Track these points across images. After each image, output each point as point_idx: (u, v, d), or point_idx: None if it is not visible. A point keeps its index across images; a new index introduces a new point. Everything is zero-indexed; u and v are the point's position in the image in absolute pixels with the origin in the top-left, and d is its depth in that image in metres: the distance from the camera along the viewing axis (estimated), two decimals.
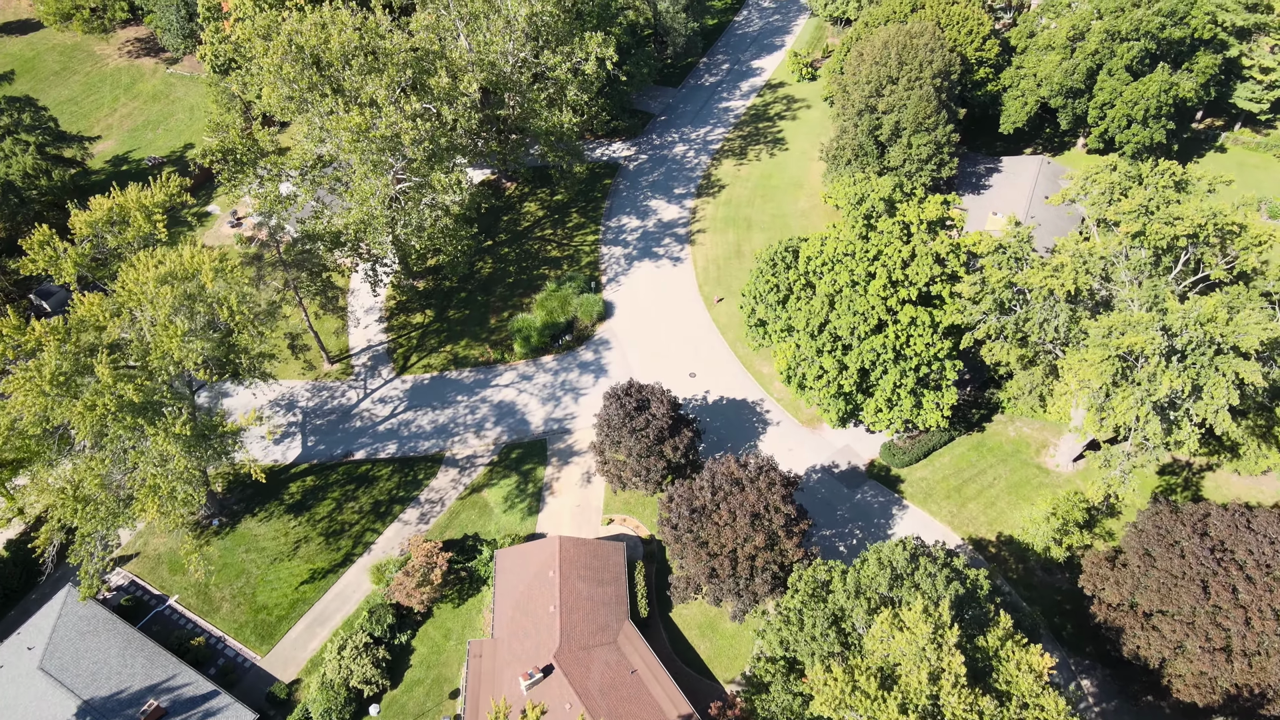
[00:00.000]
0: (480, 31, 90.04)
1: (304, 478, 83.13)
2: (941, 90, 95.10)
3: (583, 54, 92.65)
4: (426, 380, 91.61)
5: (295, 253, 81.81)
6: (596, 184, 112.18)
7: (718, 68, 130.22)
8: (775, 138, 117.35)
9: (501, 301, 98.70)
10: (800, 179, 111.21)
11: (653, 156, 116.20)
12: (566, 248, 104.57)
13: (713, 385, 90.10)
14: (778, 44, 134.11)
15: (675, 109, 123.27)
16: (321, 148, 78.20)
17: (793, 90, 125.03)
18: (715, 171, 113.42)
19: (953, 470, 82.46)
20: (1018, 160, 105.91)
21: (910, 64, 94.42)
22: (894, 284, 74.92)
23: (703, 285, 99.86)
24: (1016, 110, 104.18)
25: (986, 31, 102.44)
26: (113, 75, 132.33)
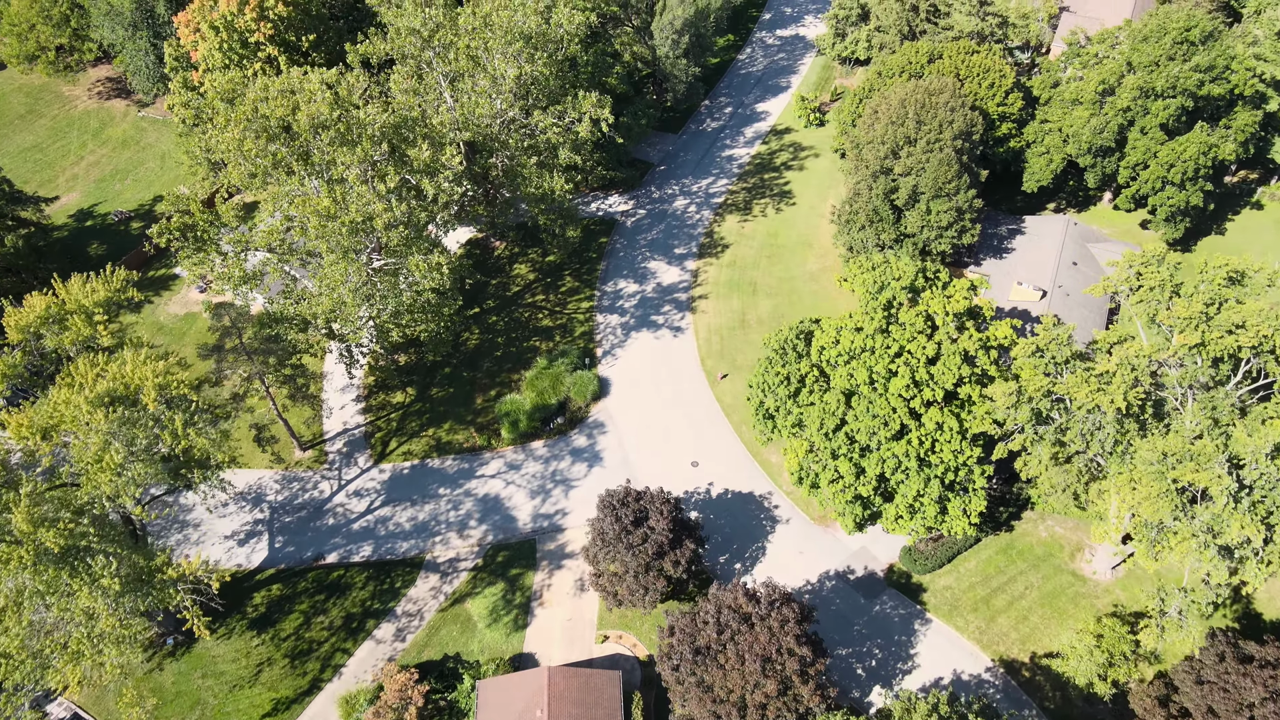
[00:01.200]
0: (465, 92, 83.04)
1: (270, 585, 75.98)
2: (963, 152, 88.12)
3: (576, 114, 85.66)
4: (406, 469, 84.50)
5: (261, 339, 74.76)
6: (592, 242, 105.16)
7: (720, 111, 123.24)
8: (781, 190, 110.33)
9: (489, 378, 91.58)
10: (809, 237, 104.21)
11: (652, 211, 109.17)
12: (559, 316, 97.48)
13: (717, 475, 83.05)
14: (783, 85, 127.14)
15: (675, 157, 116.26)
16: (287, 231, 71.03)
17: (800, 137, 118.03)
18: (718, 229, 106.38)
19: (980, 578, 75.38)
20: (1042, 220, 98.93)
21: (929, 124, 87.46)
22: (917, 384, 67.91)
23: (705, 359, 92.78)
24: (1041, 168, 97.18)
25: (1009, 85, 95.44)
26: (81, 119, 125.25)
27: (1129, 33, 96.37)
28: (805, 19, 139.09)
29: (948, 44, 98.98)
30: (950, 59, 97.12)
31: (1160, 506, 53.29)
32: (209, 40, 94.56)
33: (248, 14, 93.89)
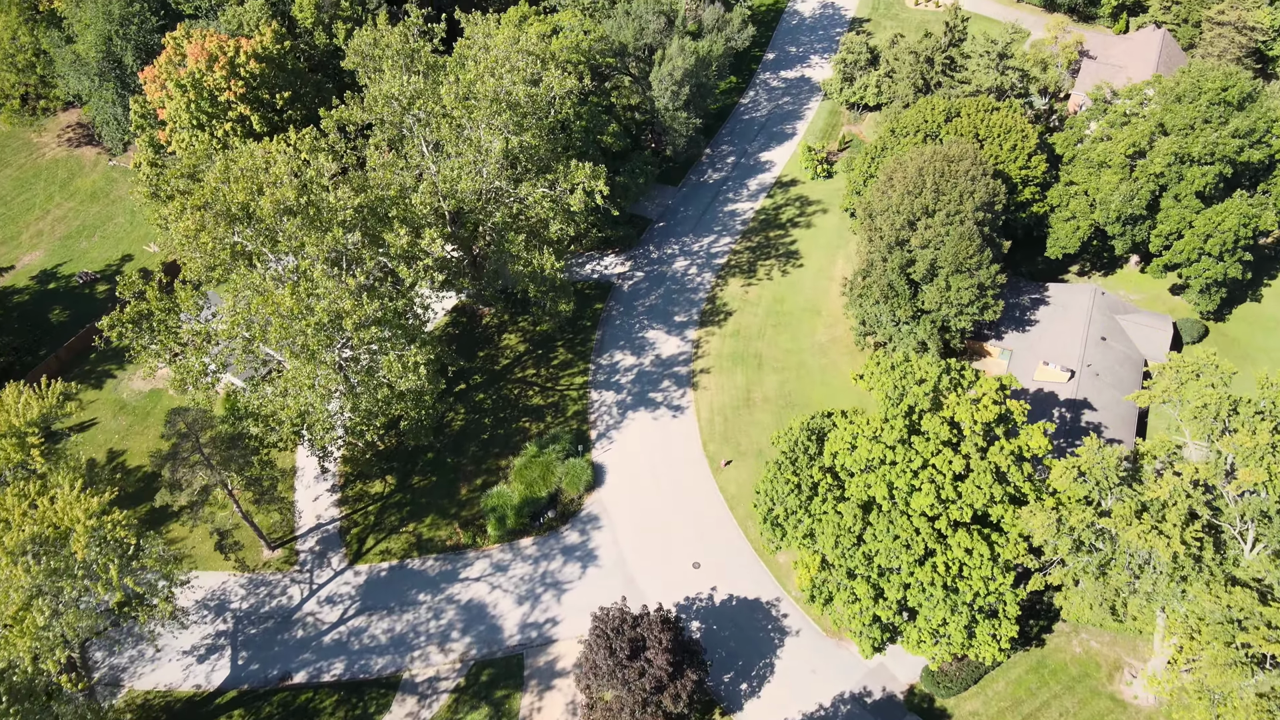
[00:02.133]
0: (447, 159, 76.63)
1: (231, 711, 69.40)
2: (985, 224, 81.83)
3: (568, 184, 79.31)
4: (384, 571, 77.95)
5: (223, 440, 68.36)
6: (586, 308, 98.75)
7: (722, 161, 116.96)
8: (788, 250, 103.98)
9: (474, 465, 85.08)
10: (817, 303, 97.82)
11: (650, 274, 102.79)
12: (551, 393, 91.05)
13: (720, 579, 76.56)
14: (788, 132, 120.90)
15: (675, 213, 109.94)
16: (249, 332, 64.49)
17: (806, 190, 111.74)
18: (721, 293, 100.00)
19: (1010, 702, 68.83)
20: (1066, 289, 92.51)
21: (949, 194, 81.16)
22: (943, 501, 61.49)
23: (707, 443, 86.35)
24: (1067, 236, 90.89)
25: (1032, 146, 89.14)
26: (49, 169, 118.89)
27: (1160, 89, 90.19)
28: (811, 60, 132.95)
29: (966, 100, 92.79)
30: (969, 117, 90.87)
31: (1229, 676, 46.94)
32: (176, 99, 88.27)
33: (217, 72, 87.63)
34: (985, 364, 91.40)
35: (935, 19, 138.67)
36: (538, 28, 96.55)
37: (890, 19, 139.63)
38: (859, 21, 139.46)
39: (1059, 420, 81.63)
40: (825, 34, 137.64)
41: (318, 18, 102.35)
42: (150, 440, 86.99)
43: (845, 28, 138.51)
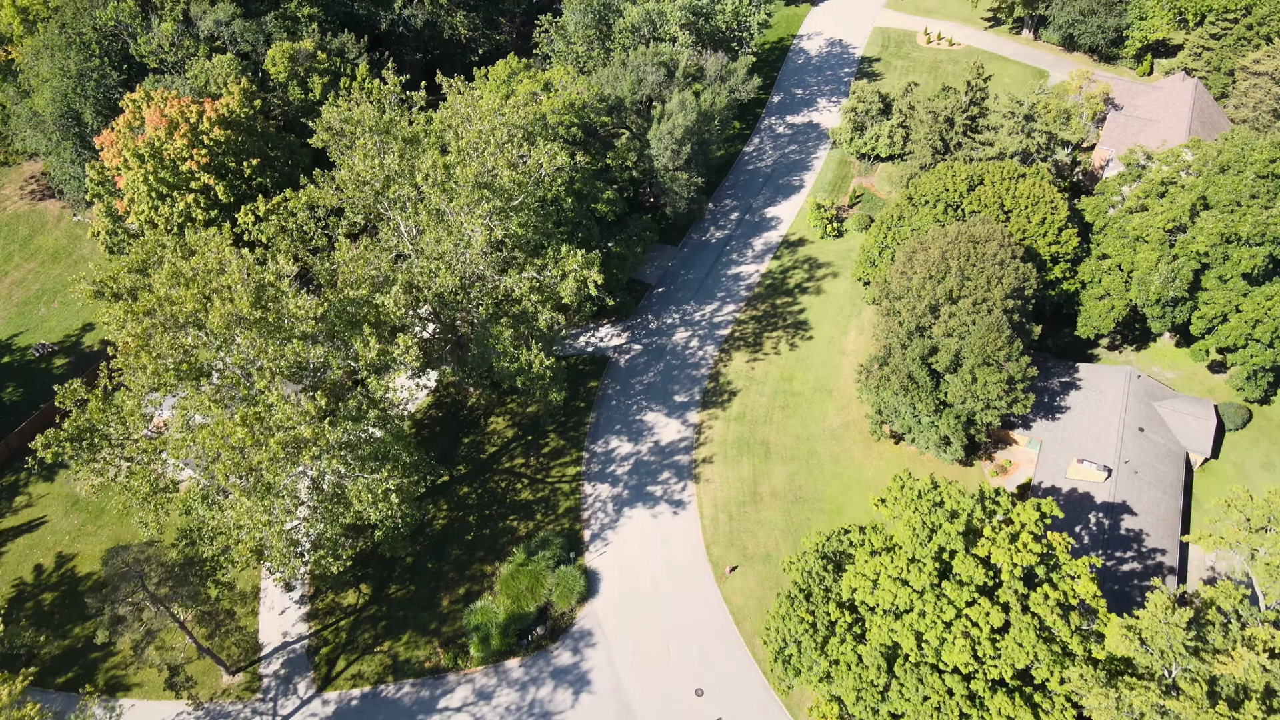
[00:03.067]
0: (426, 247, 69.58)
1: None
2: (1014, 312, 74.98)
3: (558, 271, 72.28)
4: (355, 699, 70.84)
5: (171, 575, 61.33)
6: (580, 386, 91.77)
7: (725, 217, 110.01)
8: (796, 320, 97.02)
9: (457, 571, 78.06)
10: (828, 382, 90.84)
11: (648, 346, 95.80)
12: (541, 485, 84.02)
13: (726, 709, 69.50)
14: (795, 184, 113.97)
15: (675, 276, 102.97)
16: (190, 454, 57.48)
17: (815, 250, 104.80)
18: (724, 369, 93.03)
19: None
20: (1099, 372, 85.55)
21: (975, 279, 74.29)
22: (979, 659, 54.52)
23: (711, 545, 79.34)
24: (1099, 315, 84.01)
25: (1062, 219, 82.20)
26: (9, 225, 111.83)
27: (1200, 156, 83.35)
28: (818, 103, 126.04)
29: (989, 166, 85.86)
30: (993, 186, 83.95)
31: None
32: (134, 169, 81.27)
33: (178, 140, 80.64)
34: (1012, 453, 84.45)
35: (948, 58, 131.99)
36: (527, 85, 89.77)
37: (901, 58, 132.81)
38: (868, 61, 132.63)
39: (1096, 526, 74.69)
40: (833, 75, 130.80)
41: (291, 71, 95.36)
42: (104, 541, 79.95)
43: (854, 68, 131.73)
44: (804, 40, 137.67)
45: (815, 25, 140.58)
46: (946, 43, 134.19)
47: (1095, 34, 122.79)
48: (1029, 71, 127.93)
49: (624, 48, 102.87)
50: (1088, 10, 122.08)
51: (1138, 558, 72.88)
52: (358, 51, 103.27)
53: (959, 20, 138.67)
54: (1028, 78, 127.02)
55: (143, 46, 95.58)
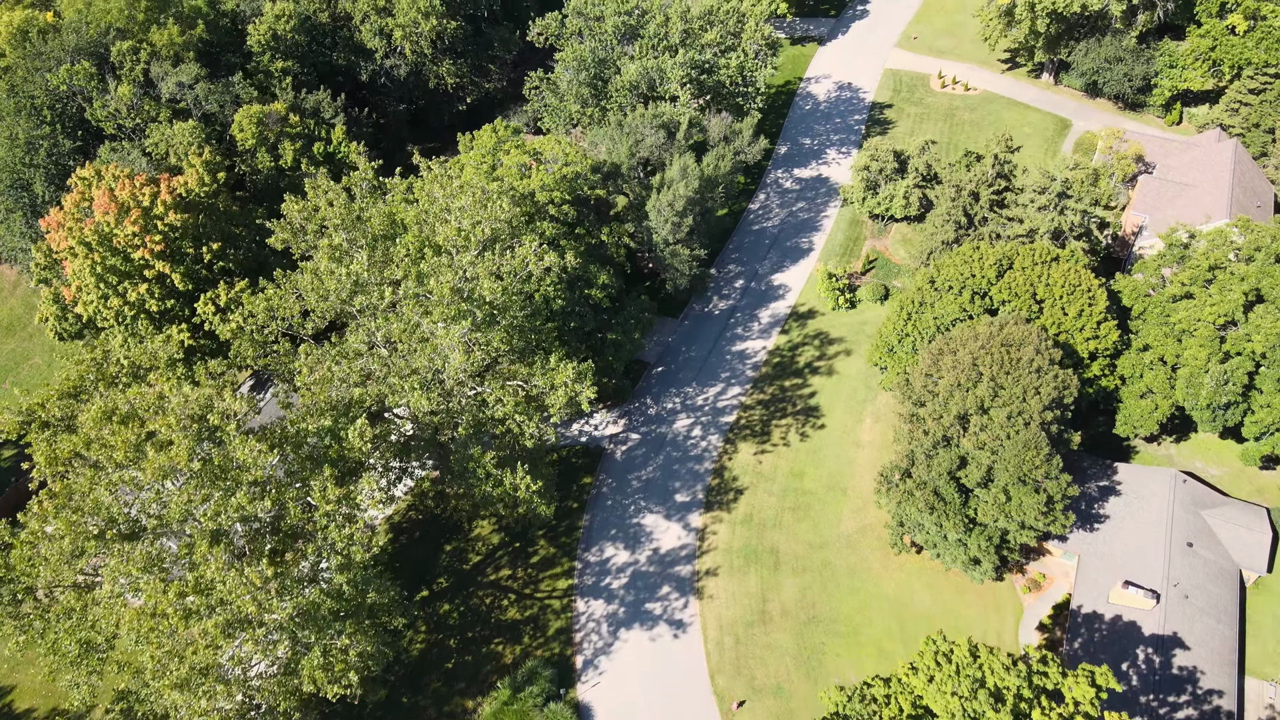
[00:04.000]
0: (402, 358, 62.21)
1: None
2: (1053, 424, 67.63)
3: (545, 383, 64.89)
4: None
5: None
6: (572, 484, 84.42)
7: (730, 284, 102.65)
8: (807, 405, 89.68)
9: (435, 707, 70.53)
10: (842, 478, 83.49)
11: (647, 436, 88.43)
12: (529, 602, 76.60)
13: None
14: (804, 246, 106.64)
15: (676, 353, 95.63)
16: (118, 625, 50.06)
17: (827, 323, 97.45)
18: (729, 463, 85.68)
19: None
20: (1140, 475, 78.02)
21: (1009, 388, 66.96)
22: None
23: (715, 674, 71.92)
24: (1142, 415, 76.74)
25: (1101, 311, 74.85)
26: None
27: (1251, 240, 76.15)
28: (827, 154, 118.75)
29: (1020, 248, 78.51)
30: (1024, 272, 76.60)
31: None
32: (80, 257, 73.91)
33: (129, 226, 73.27)
34: (1046, 565, 77.08)
35: (964, 104, 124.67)
36: (515, 157, 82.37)
37: (914, 104, 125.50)
38: (879, 107, 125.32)
39: (1145, 664, 67.29)
40: (843, 123, 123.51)
41: (261, 137, 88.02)
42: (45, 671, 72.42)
43: (864, 115, 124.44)
44: (811, 84, 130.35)
45: (823, 67, 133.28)
46: (962, 87, 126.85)
47: (1121, 82, 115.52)
48: (1050, 120, 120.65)
49: (621, 106, 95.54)
50: (1113, 57, 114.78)
51: (1193, 701, 65.51)
52: (334, 111, 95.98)
53: (974, 62, 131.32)
54: (1048, 126, 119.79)
55: (99, 111, 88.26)
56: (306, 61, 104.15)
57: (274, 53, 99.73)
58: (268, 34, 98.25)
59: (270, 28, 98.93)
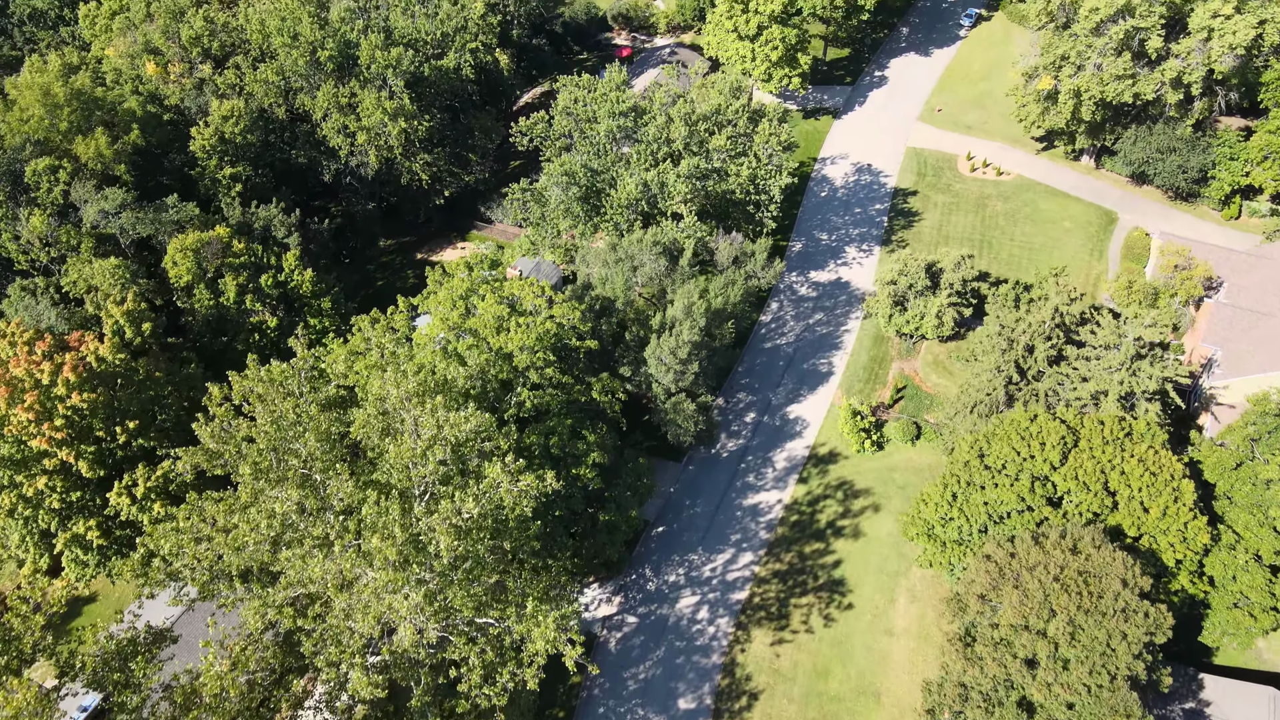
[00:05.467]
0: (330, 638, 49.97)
1: None
2: (1145, 671, 55.44)
3: (522, 630, 52.68)
4: None
5: None
6: (559, 682, 72.03)
7: (740, 417, 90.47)
8: (830, 578, 77.54)
9: None
10: (874, 680, 71.33)
11: (646, 619, 76.18)
12: None
13: None
14: (823, 369, 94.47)
15: (679, 509, 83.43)
16: None
17: (851, 469, 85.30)
18: (742, 656, 73.48)
19: None
20: (1233, 693, 65.91)
21: (1089, 630, 54.82)
22: None
23: None
24: (1232, 625, 64.65)
25: (1188, 507, 62.64)
26: None
27: None
28: (847, 253, 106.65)
29: (1087, 423, 66.36)
30: (1092, 454, 64.41)
31: None
32: None
33: (21, 414, 61.03)
34: None
35: (996, 192, 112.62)
36: (491, 306, 70.12)
37: (941, 191, 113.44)
38: (903, 194, 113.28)
39: None
40: (863, 213, 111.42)
41: (199, 270, 75.90)
42: None
43: (886, 203, 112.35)
44: (827, 165, 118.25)
45: (840, 144, 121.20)
46: (994, 171, 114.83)
47: (1174, 174, 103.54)
48: (1092, 212, 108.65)
49: (616, 225, 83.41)
50: (1166, 148, 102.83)
51: None
52: (287, 229, 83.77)
53: (1005, 140, 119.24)
54: (1091, 220, 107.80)
55: (8, 243, 76.07)
56: (260, 162, 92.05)
57: (221, 157, 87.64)
58: (213, 137, 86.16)
59: (216, 130, 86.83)
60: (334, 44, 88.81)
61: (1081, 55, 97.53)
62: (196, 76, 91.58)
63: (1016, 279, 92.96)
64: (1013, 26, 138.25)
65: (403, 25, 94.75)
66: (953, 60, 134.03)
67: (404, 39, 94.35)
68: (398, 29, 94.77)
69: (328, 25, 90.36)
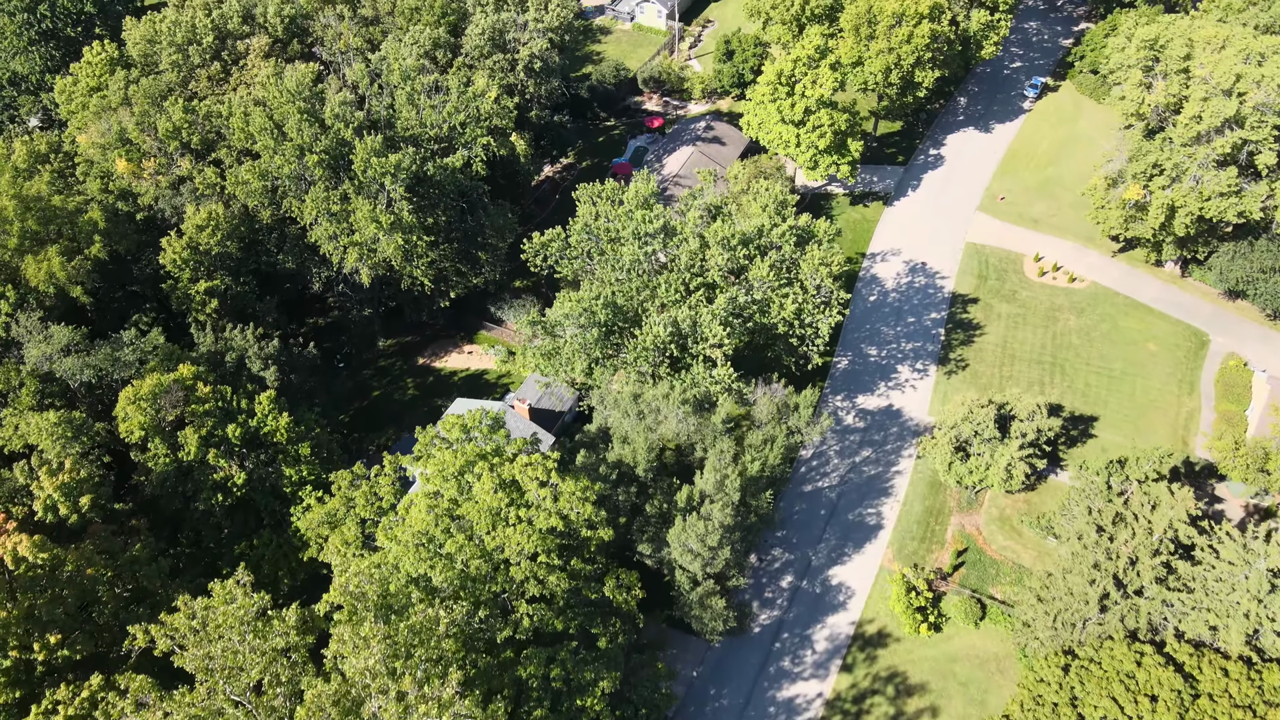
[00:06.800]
0: None
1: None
2: None
3: None
4: None
5: None
6: None
7: (774, 582, 78.77)
8: None
9: None
10: None
11: None
12: None
13: None
14: (870, 520, 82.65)
15: (702, 697, 71.80)
16: None
17: (903, 655, 73.44)
18: None
19: None
20: None
21: None
22: None
23: None
24: None
25: None
26: None
27: None
28: (899, 373, 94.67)
29: (1206, 666, 54.17)
30: (1215, 716, 52.20)
31: None
32: None
33: None
34: None
35: (1069, 302, 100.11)
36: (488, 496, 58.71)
37: (1004, 299, 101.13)
38: (962, 301, 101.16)
39: None
40: (917, 323, 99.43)
41: (153, 425, 65.44)
42: None
43: (943, 311, 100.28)
44: (877, 263, 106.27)
45: (890, 238, 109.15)
46: (1065, 277, 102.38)
47: (1277, 296, 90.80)
48: (1180, 332, 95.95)
49: (641, 374, 72.18)
50: (1269, 266, 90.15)
51: None
52: (263, 361, 73.18)
53: (1077, 238, 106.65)
54: (1179, 342, 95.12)
55: None
56: (242, 270, 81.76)
57: (195, 269, 77.44)
58: (185, 250, 75.94)
59: (190, 241, 76.60)
60: (326, 142, 78.30)
61: (1179, 167, 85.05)
62: (174, 174, 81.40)
63: (1098, 429, 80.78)
64: (1083, 100, 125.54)
65: (406, 116, 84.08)
66: (1016, 138, 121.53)
67: (406, 132, 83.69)
68: (400, 120, 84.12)
69: (320, 120, 79.85)
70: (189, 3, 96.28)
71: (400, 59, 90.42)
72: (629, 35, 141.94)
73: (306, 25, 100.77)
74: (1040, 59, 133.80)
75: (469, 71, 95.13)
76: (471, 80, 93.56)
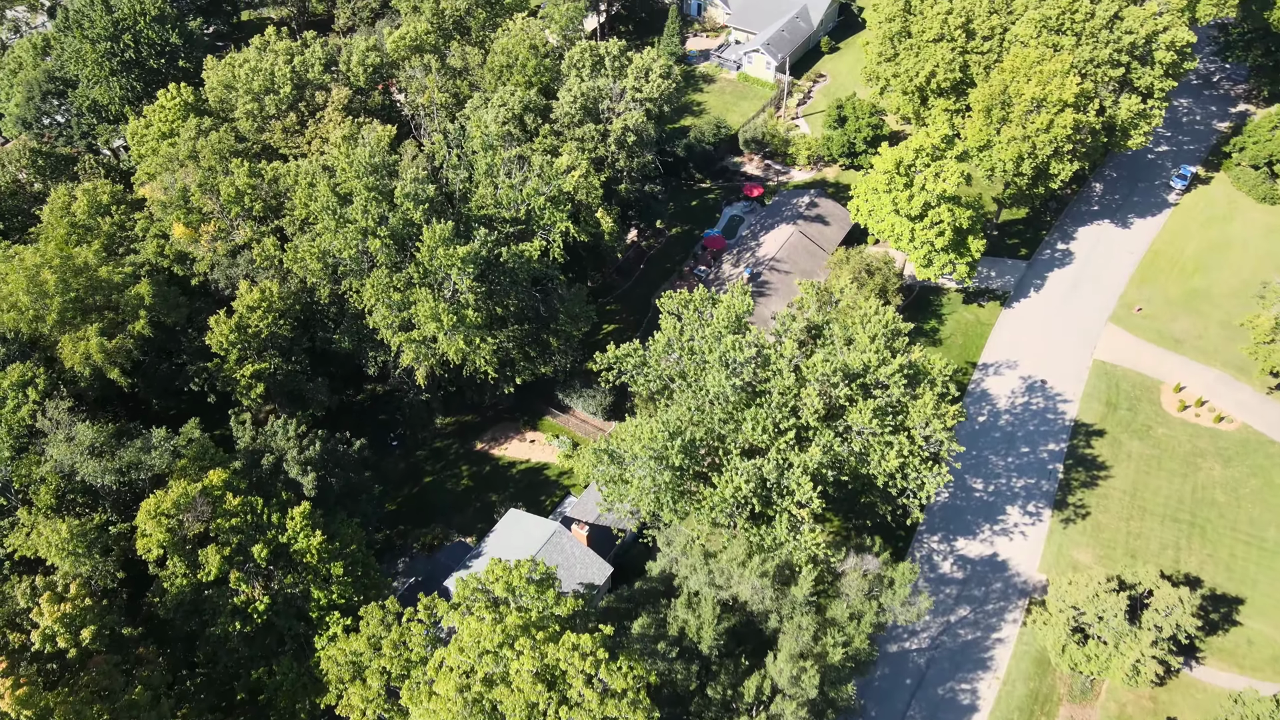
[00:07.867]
0: None
1: None
2: None
3: None
4: None
5: None
6: None
7: None
8: None
9: None
10: None
11: None
12: None
13: None
14: (964, 699, 71.74)
15: None
16: None
17: None
18: None
19: None
20: None
21: None
22: None
23: None
24: None
25: None
26: None
27: None
28: (1007, 515, 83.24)
29: None
30: None
31: None
32: None
33: None
34: None
35: (1213, 447, 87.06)
36: (526, 687, 50.61)
37: (1136, 436, 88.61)
38: (1086, 432, 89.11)
39: None
40: (1032, 454, 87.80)
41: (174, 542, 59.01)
42: None
43: (1063, 443, 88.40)
44: (989, 376, 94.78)
45: (1007, 345, 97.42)
46: (1211, 415, 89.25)
47: None
48: None
49: (716, 523, 63.11)
50: None
51: None
52: (302, 467, 66.50)
53: (1226, 367, 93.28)
54: None
55: None
56: (294, 351, 75.61)
57: (243, 352, 71.50)
58: (232, 332, 70.00)
59: (240, 321, 70.67)
60: (393, 223, 71.46)
61: None
62: (233, 241, 75.73)
63: (1244, 615, 68.32)
64: (1239, 196, 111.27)
65: (483, 193, 76.75)
66: (1158, 237, 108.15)
67: (481, 211, 76.33)
68: (475, 198, 76.82)
69: (389, 194, 73.07)
70: (271, 46, 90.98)
71: (483, 124, 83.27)
72: (733, 86, 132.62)
73: (391, 75, 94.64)
74: (1190, 143, 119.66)
75: (556, 139, 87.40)
76: (559, 151, 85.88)
